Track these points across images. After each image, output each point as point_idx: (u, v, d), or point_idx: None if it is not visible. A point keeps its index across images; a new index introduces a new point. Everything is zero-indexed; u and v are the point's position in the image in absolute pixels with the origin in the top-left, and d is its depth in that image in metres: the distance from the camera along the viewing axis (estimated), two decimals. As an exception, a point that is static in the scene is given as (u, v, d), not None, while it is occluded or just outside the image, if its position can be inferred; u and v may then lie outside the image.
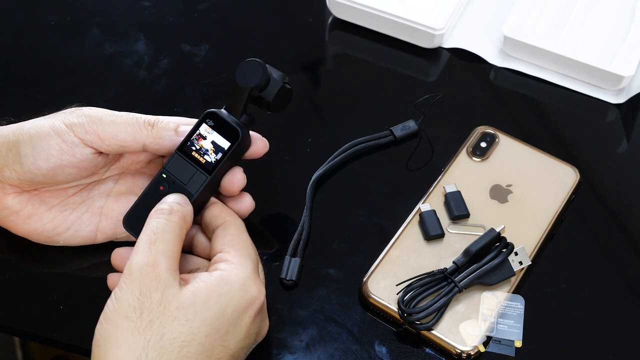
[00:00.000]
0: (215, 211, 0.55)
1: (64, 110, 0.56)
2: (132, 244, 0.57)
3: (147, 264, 0.48)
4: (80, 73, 0.72)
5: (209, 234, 0.55)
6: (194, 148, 0.55)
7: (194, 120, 0.57)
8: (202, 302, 0.48)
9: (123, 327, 0.46)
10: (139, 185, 0.59)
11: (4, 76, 0.72)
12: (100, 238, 0.58)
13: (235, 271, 0.50)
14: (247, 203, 0.57)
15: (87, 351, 0.55)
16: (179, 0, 0.78)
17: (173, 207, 0.52)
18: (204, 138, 0.55)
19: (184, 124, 0.56)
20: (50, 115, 0.56)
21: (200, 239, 0.55)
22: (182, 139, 0.55)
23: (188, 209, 0.52)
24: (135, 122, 0.54)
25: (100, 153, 0.55)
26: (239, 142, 0.55)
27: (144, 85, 0.71)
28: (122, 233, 0.57)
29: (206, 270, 0.51)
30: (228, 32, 0.76)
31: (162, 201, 0.53)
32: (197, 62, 0.73)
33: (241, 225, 0.54)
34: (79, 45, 0.74)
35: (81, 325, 0.56)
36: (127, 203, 0.57)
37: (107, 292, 0.57)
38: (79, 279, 0.59)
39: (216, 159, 0.54)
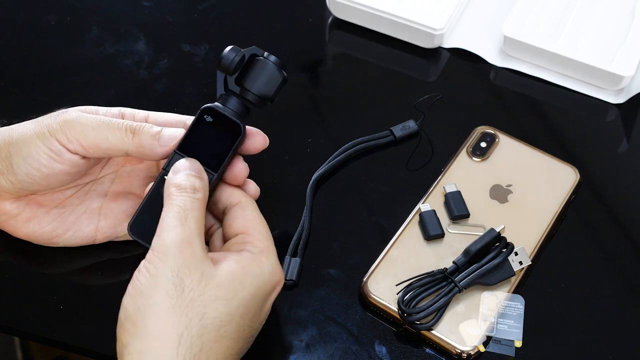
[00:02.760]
0: (228, 190, 0.54)
1: (50, 115, 0.55)
2: (132, 241, 0.57)
3: (183, 240, 0.47)
4: (80, 73, 0.72)
5: (216, 211, 0.54)
6: (194, 146, 0.53)
7: (180, 120, 0.56)
8: (240, 282, 0.48)
9: (164, 303, 0.45)
10: (136, 183, 0.58)
11: (4, 76, 0.72)
12: (100, 238, 0.57)
13: (265, 253, 0.50)
14: (252, 190, 0.56)
15: (87, 351, 0.56)
16: (179, 0, 0.78)
17: (195, 184, 0.50)
18: (204, 134, 0.54)
19: (169, 126, 0.55)
20: (37, 120, 0.54)
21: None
22: (166, 147, 0.53)
23: (206, 185, 0.52)
24: (116, 128, 0.53)
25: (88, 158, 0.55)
26: (242, 136, 0.54)
27: (144, 85, 0.71)
28: (122, 232, 0.57)
29: (230, 251, 0.50)
30: (228, 32, 0.76)
31: (174, 172, 0.51)
32: (197, 62, 0.73)
33: (257, 207, 0.54)
34: (79, 45, 0.74)
35: (81, 325, 0.56)
36: (124, 201, 0.57)
37: (106, 293, 0.57)
38: (79, 279, 0.59)
39: (220, 155, 0.53)
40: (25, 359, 1.01)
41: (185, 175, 0.51)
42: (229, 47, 0.55)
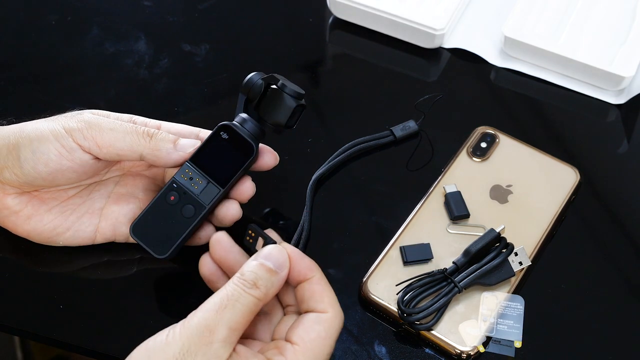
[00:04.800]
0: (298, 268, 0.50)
1: (65, 114, 0.56)
2: (132, 243, 0.57)
3: (207, 326, 0.45)
4: (80, 73, 0.72)
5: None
6: (206, 159, 0.54)
7: (192, 132, 0.56)
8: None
9: None
10: (140, 187, 0.59)
11: (4, 76, 0.72)
12: (100, 239, 0.57)
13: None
14: (235, 211, 0.57)
15: (86, 350, 0.56)
16: (179, 0, 0.78)
17: (258, 281, 0.47)
18: (218, 150, 0.54)
19: (186, 136, 0.56)
20: (52, 118, 0.55)
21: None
22: (181, 152, 0.54)
23: (275, 281, 0.48)
24: (134, 131, 0.54)
25: (100, 159, 0.55)
26: (254, 157, 0.55)
27: (144, 85, 0.71)
28: (121, 235, 0.57)
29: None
30: (228, 32, 0.76)
31: (256, 258, 0.48)
32: (197, 62, 0.73)
33: (323, 276, 0.50)
34: (79, 45, 0.74)
35: (81, 325, 0.56)
36: (127, 205, 0.57)
37: (106, 293, 0.57)
38: (79, 279, 0.59)
39: (230, 172, 0.55)
40: (25, 358, 1.01)
41: (256, 266, 0.47)
42: (252, 74, 0.56)
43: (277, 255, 0.48)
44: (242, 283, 0.47)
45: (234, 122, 0.56)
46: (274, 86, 0.56)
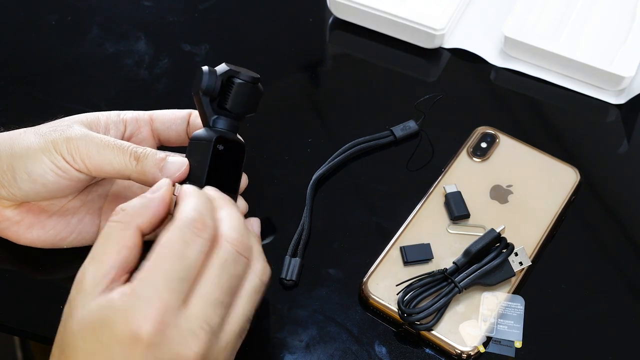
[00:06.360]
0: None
1: (54, 127, 0.53)
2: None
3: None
4: (80, 73, 0.72)
5: None
6: (215, 179, 0.53)
7: (184, 116, 0.57)
8: None
9: None
10: (137, 183, 0.58)
11: (4, 76, 0.72)
12: (101, 239, 0.57)
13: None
14: (240, 207, 0.56)
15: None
16: (180, 0, 0.78)
17: (124, 206, 0.47)
18: (221, 165, 0.54)
19: (174, 122, 0.56)
20: (41, 132, 0.53)
21: None
22: (167, 179, 0.52)
23: (143, 202, 0.48)
24: (121, 152, 0.52)
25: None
26: (245, 152, 0.55)
27: (144, 85, 0.71)
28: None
29: None
30: (228, 32, 0.76)
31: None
32: (198, 62, 0.73)
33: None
34: (79, 45, 0.74)
35: (81, 325, 0.56)
36: (125, 201, 0.57)
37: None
38: (79, 278, 0.59)
39: (235, 177, 0.54)
40: (25, 359, 1.01)
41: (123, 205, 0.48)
42: (205, 72, 0.53)
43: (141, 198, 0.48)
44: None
45: (217, 128, 0.54)
46: (237, 79, 0.54)
